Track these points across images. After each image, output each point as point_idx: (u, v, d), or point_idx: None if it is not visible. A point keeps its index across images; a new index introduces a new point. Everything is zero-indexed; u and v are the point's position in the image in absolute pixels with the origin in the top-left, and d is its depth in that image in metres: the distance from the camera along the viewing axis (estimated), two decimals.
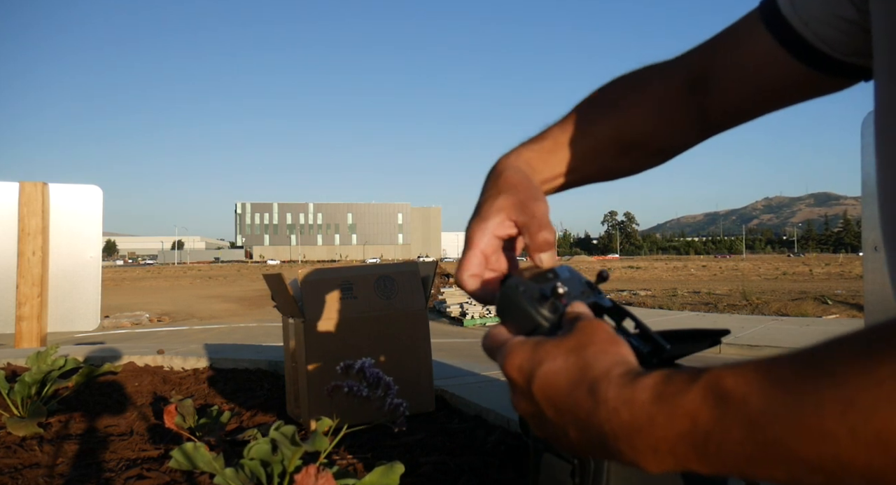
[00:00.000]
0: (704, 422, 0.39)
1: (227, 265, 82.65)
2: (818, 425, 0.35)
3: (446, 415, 1.71)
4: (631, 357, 0.47)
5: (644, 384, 0.42)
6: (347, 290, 1.61)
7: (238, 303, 19.19)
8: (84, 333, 7.61)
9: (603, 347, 0.47)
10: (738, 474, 0.40)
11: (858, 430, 0.34)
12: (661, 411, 0.41)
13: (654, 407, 0.41)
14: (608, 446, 0.44)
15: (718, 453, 0.39)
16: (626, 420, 0.42)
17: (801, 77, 0.67)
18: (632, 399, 0.42)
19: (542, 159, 0.70)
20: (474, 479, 1.24)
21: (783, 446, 0.37)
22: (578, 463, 0.62)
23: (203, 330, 10.76)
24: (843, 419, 0.34)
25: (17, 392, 1.70)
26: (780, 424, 0.37)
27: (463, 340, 8.07)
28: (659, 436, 0.41)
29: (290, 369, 1.70)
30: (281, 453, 0.93)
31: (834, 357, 0.36)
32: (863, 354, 0.34)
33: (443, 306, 13.21)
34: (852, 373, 0.34)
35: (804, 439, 0.36)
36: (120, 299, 19.17)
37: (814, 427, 0.35)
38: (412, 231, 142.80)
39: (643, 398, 0.42)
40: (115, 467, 1.35)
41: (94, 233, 4.12)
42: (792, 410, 0.36)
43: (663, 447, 0.41)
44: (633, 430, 0.42)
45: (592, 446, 0.46)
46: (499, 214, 0.62)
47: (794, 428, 0.36)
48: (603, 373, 0.45)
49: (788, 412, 0.36)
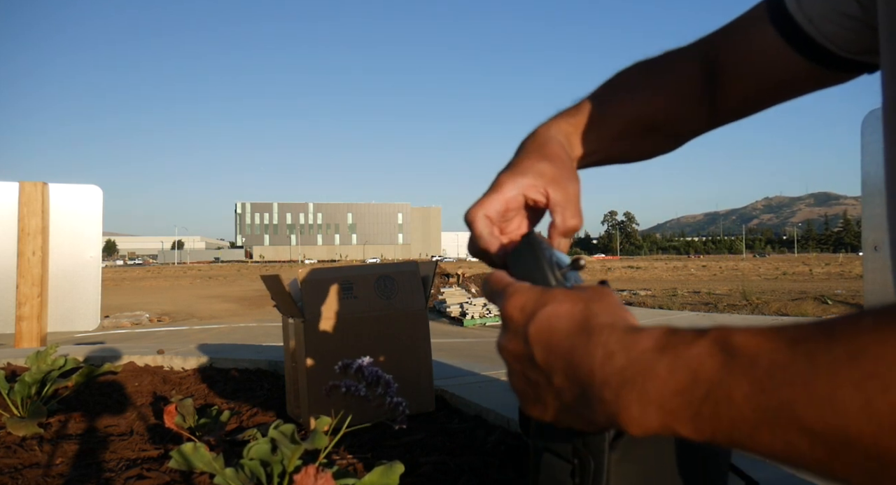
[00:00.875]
0: (707, 376, 0.37)
1: (227, 265, 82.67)
2: (830, 393, 0.33)
3: (446, 415, 1.71)
4: (637, 322, 0.44)
5: (648, 333, 0.41)
6: (347, 290, 1.61)
7: (238, 303, 19.18)
8: (84, 333, 7.61)
9: (612, 308, 0.45)
10: (726, 441, 0.37)
11: (873, 404, 0.32)
12: (663, 359, 0.38)
13: (655, 355, 0.39)
14: (591, 396, 0.42)
15: (714, 414, 0.37)
16: (620, 366, 0.40)
17: (805, 71, 0.67)
18: (632, 345, 0.40)
19: (577, 135, 0.69)
20: (474, 479, 1.24)
21: (789, 411, 0.35)
22: (579, 463, 0.62)
23: (203, 330, 10.76)
24: (857, 391, 0.32)
25: (17, 392, 1.70)
26: (789, 387, 0.35)
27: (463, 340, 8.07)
28: (654, 387, 0.38)
29: (290, 368, 1.70)
30: (280, 452, 0.92)
31: (857, 328, 0.34)
32: (887, 328, 0.32)
33: (443, 306, 13.21)
34: (874, 345, 0.32)
35: (813, 407, 0.34)
36: (120, 299, 19.17)
37: (825, 396, 0.33)
38: (412, 231, 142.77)
39: (645, 346, 0.40)
40: (115, 467, 1.35)
41: (94, 233, 4.12)
42: (804, 374, 0.34)
43: (655, 400, 0.38)
44: (627, 378, 0.39)
45: (573, 397, 0.43)
46: (538, 178, 0.60)
47: (804, 394, 0.34)
48: (607, 323, 0.43)
49: (800, 377, 0.34)
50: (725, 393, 0.36)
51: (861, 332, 0.33)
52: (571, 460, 0.63)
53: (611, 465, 0.61)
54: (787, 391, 0.34)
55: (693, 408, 0.38)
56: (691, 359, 0.38)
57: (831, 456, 0.34)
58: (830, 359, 0.33)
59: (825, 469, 0.35)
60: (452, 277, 17.69)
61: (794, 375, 0.34)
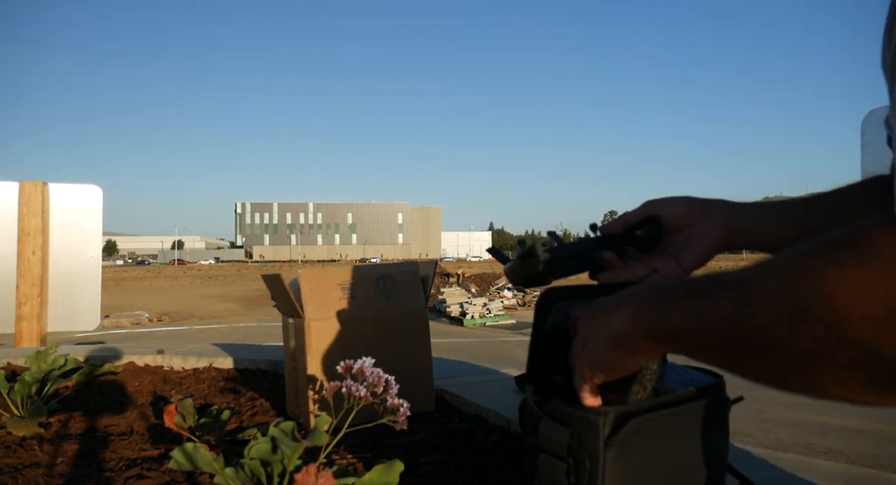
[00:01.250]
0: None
1: (227, 265, 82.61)
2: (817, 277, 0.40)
3: (446, 415, 1.71)
4: None
5: (645, 296, 0.60)
6: (347, 289, 1.61)
7: (238, 303, 19.18)
8: (84, 332, 7.61)
9: None
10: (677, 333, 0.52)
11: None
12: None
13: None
14: (621, 338, 0.59)
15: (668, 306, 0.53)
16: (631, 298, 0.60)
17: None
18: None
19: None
20: (474, 479, 1.24)
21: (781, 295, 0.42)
22: (574, 462, 0.62)
23: (203, 330, 10.76)
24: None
25: (17, 392, 1.70)
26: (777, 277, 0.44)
27: (463, 340, 8.06)
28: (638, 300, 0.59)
29: (290, 368, 1.70)
30: (281, 451, 0.93)
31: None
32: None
33: (443, 306, 13.22)
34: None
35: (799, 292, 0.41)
36: (120, 299, 19.17)
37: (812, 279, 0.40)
38: (412, 231, 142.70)
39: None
40: (115, 466, 1.35)
41: (95, 233, 4.12)
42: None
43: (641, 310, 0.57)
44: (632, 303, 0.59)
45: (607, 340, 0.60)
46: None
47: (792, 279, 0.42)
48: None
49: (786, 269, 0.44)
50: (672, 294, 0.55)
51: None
52: (567, 459, 0.63)
53: (606, 464, 0.61)
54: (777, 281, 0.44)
55: (658, 306, 0.55)
56: (667, 285, 0.57)
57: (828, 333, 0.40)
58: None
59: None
60: (452, 277, 17.68)
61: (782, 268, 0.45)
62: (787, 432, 4.54)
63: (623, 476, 0.62)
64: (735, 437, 0.86)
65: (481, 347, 7.11)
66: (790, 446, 4.14)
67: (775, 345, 0.41)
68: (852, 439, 4.31)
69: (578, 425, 0.62)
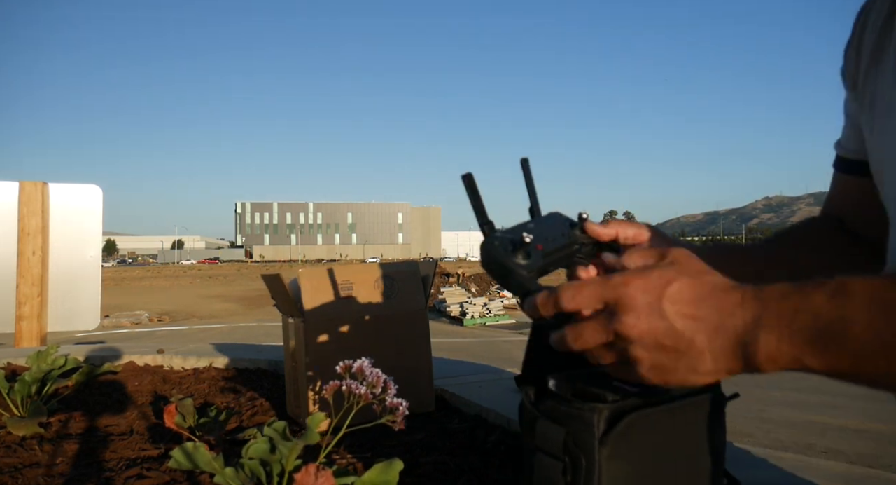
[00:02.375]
0: (827, 316, 0.46)
1: (227, 265, 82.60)
2: None
3: (446, 415, 1.71)
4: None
5: (772, 287, 0.51)
6: (347, 289, 1.61)
7: (238, 303, 19.19)
8: (84, 332, 7.61)
9: (709, 270, 0.56)
10: (849, 370, 0.46)
11: None
12: (788, 305, 0.48)
13: (782, 303, 0.49)
14: (731, 343, 0.50)
15: (836, 347, 0.45)
16: (754, 314, 0.50)
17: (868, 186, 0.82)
18: (762, 296, 0.51)
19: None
20: (474, 479, 1.24)
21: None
22: (570, 461, 0.62)
23: (203, 329, 10.76)
24: None
25: (17, 392, 1.70)
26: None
27: (463, 340, 8.07)
28: (785, 327, 0.48)
29: (290, 368, 1.70)
30: (279, 451, 0.93)
31: None
32: None
33: (443, 306, 13.23)
34: None
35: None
36: (120, 299, 19.17)
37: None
38: (412, 231, 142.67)
39: (771, 295, 0.50)
40: (115, 466, 1.35)
41: (95, 232, 4.12)
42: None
43: (786, 338, 0.48)
44: (762, 323, 0.49)
45: (714, 350, 0.51)
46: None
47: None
48: (728, 283, 0.54)
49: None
50: (843, 328, 0.45)
51: None
52: (562, 457, 0.63)
53: (601, 461, 0.61)
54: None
55: (818, 343, 0.46)
56: (812, 303, 0.47)
57: None
58: None
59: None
60: (452, 277, 17.69)
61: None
62: (787, 432, 4.53)
63: (619, 474, 0.62)
64: (735, 437, 0.86)
65: (481, 347, 7.11)
66: (790, 446, 4.14)
67: None
68: (852, 439, 4.31)
69: (573, 423, 0.62)
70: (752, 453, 1.42)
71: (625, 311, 0.53)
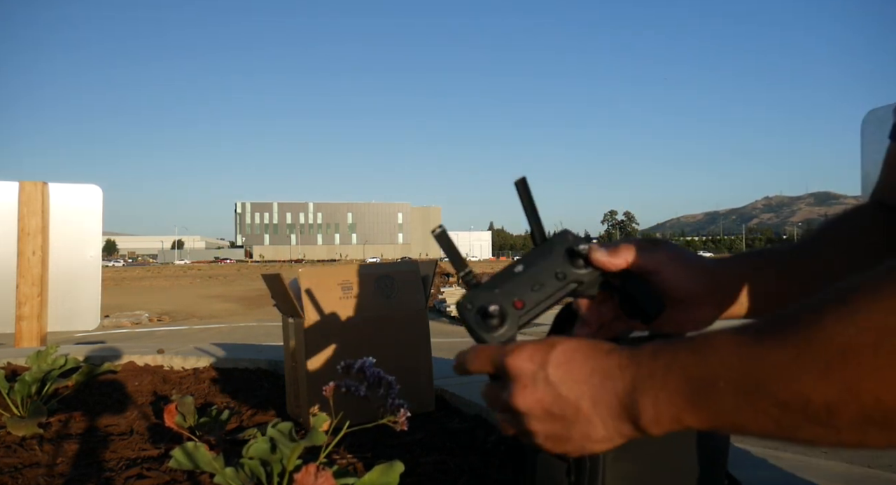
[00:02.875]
0: (694, 373, 0.45)
1: (227, 265, 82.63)
2: (794, 371, 0.40)
3: (446, 415, 1.71)
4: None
5: (647, 347, 0.49)
6: (347, 289, 1.61)
7: (238, 302, 19.18)
8: (84, 332, 7.61)
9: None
10: (725, 425, 0.44)
11: (832, 374, 0.38)
12: (658, 365, 0.47)
13: (653, 363, 0.48)
14: (616, 409, 0.49)
15: (707, 402, 0.44)
16: (631, 376, 0.48)
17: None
18: (636, 357, 0.49)
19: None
20: (474, 479, 1.24)
21: (764, 389, 0.41)
22: (574, 461, 0.62)
23: (203, 329, 10.76)
24: (815, 368, 0.39)
25: (17, 392, 1.70)
26: (759, 370, 0.41)
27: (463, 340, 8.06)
28: (658, 389, 0.47)
29: (290, 368, 1.70)
30: (280, 451, 0.93)
31: (799, 321, 0.41)
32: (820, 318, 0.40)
33: (443, 306, 13.22)
34: (815, 331, 0.39)
35: (781, 383, 0.40)
36: (120, 299, 19.17)
37: (790, 374, 0.40)
38: (412, 231, 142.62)
39: (645, 355, 0.48)
40: (115, 466, 1.35)
41: (94, 232, 4.12)
42: (770, 358, 0.41)
43: (663, 400, 0.46)
44: (637, 386, 0.48)
45: (601, 416, 0.50)
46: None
47: (773, 374, 0.41)
48: (609, 346, 0.52)
49: (767, 360, 0.41)
50: (710, 383, 0.44)
51: (802, 325, 0.40)
52: (567, 458, 0.63)
53: (606, 463, 0.61)
54: (759, 374, 0.41)
55: (691, 400, 0.45)
56: (680, 361, 0.46)
57: (805, 420, 0.40)
58: (787, 344, 0.41)
59: (806, 435, 0.41)
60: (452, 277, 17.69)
61: (762, 359, 0.42)
62: None
63: (623, 474, 0.62)
64: (735, 437, 0.86)
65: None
66: (790, 446, 4.14)
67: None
68: None
69: None
70: (751, 453, 1.42)
71: (512, 380, 0.52)
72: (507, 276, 0.63)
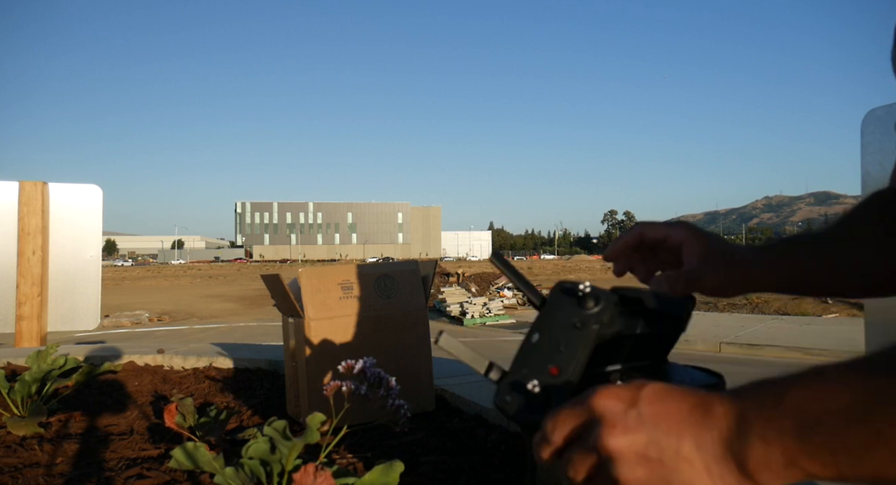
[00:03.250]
0: (809, 415, 0.40)
1: (227, 265, 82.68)
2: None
3: (446, 414, 1.71)
4: None
5: (745, 389, 0.44)
6: (347, 289, 1.61)
7: (238, 302, 19.18)
8: (84, 332, 7.61)
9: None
10: (848, 471, 0.39)
11: None
12: (762, 413, 0.42)
13: (756, 411, 0.42)
14: (720, 450, 0.43)
15: (827, 448, 0.39)
16: (742, 408, 0.43)
17: None
18: (737, 400, 0.44)
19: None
20: (474, 478, 1.24)
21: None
22: None
23: (203, 329, 10.76)
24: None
25: (18, 391, 1.70)
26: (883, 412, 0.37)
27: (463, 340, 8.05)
28: (768, 431, 0.41)
29: (290, 368, 1.70)
30: (279, 451, 0.93)
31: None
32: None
33: (443, 306, 13.22)
34: None
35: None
36: (120, 299, 19.17)
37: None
38: (412, 231, 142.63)
39: (747, 403, 0.43)
40: (115, 466, 1.35)
41: (94, 232, 4.12)
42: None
43: (774, 442, 0.41)
44: (744, 430, 0.42)
45: (713, 457, 0.44)
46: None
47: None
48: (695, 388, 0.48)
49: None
50: (828, 419, 0.40)
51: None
52: None
53: None
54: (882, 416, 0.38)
55: (810, 442, 0.40)
56: (791, 395, 0.42)
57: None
58: None
59: None
60: (452, 277, 17.69)
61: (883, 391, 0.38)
62: None
63: None
64: None
65: (481, 347, 7.11)
66: None
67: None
68: None
69: None
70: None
71: (599, 422, 0.47)
72: (527, 351, 0.62)
